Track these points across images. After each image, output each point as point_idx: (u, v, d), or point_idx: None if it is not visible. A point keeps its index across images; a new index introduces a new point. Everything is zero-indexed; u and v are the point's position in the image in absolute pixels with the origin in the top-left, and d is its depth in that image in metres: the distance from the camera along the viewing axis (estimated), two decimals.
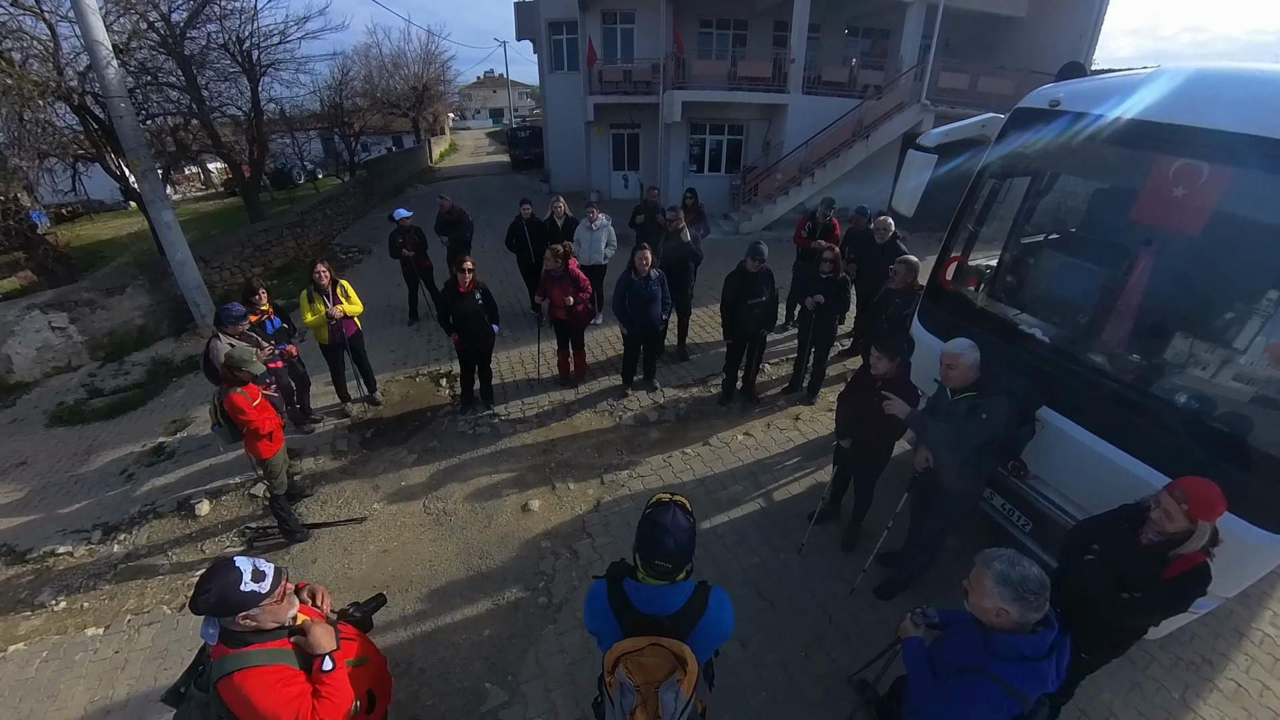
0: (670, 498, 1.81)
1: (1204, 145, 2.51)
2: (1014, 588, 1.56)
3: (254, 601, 1.63)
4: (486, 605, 3.55)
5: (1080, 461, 2.84)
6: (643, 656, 1.59)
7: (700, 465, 4.61)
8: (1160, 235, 2.95)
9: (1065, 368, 2.96)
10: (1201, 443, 2.44)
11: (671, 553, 1.66)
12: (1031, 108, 3.35)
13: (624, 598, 1.73)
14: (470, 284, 4.89)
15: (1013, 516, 3.29)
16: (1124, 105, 2.85)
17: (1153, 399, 2.65)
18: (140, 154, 6.64)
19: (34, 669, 3.44)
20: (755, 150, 13.69)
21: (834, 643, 3.16)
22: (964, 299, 3.77)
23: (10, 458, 5.51)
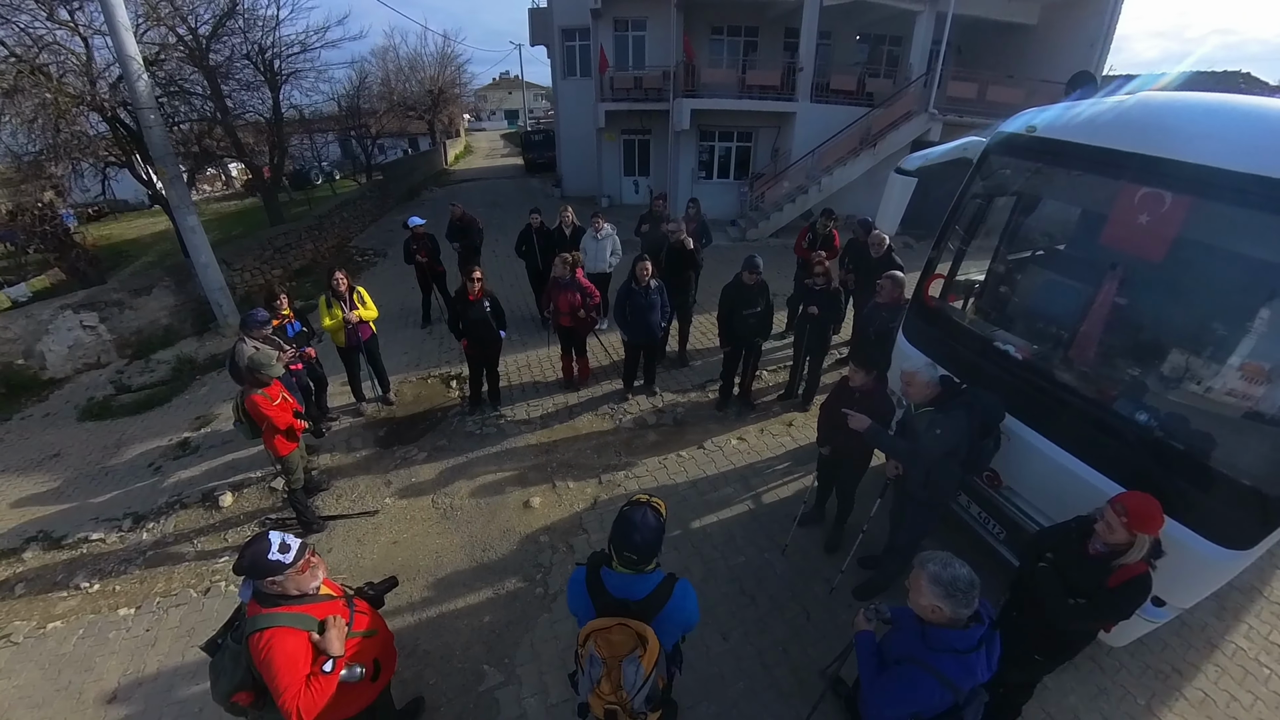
0: (646, 499, 2.02)
1: (1166, 175, 2.62)
2: (945, 586, 1.74)
3: (279, 569, 1.94)
4: (488, 594, 3.79)
5: (1047, 473, 2.97)
6: (610, 634, 1.82)
7: (694, 467, 4.82)
8: (1126, 260, 3.09)
9: (1033, 383, 3.09)
10: (1158, 458, 2.55)
11: (638, 546, 1.88)
12: (1010, 133, 3.46)
13: (599, 583, 1.95)
14: (479, 293, 5.14)
15: (988, 525, 3.43)
16: (1095, 134, 2.94)
17: (1114, 415, 2.78)
18: (167, 161, 6.99)
19: (71, 644, 3.73)
20: (764, 157, 13.86)
21: (811, 639, 3.35)
22: (945, 314, 3.91)
23: (45, 449, 5.86)
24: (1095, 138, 2.92)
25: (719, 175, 14.35)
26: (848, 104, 12.50)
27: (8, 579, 4.32)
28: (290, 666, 1.91)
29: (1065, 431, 2.90)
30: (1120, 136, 2.81)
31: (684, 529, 4.15)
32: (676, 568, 3.82)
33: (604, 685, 1.79)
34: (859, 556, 3.68)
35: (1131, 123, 2.84)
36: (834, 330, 5.52)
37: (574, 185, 17.87)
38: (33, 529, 4.79)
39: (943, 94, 11.41)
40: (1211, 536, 2.39)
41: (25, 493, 5.26)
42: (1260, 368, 2.53)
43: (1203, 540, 2.40)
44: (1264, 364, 2.52)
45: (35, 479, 5.44)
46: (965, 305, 4.37)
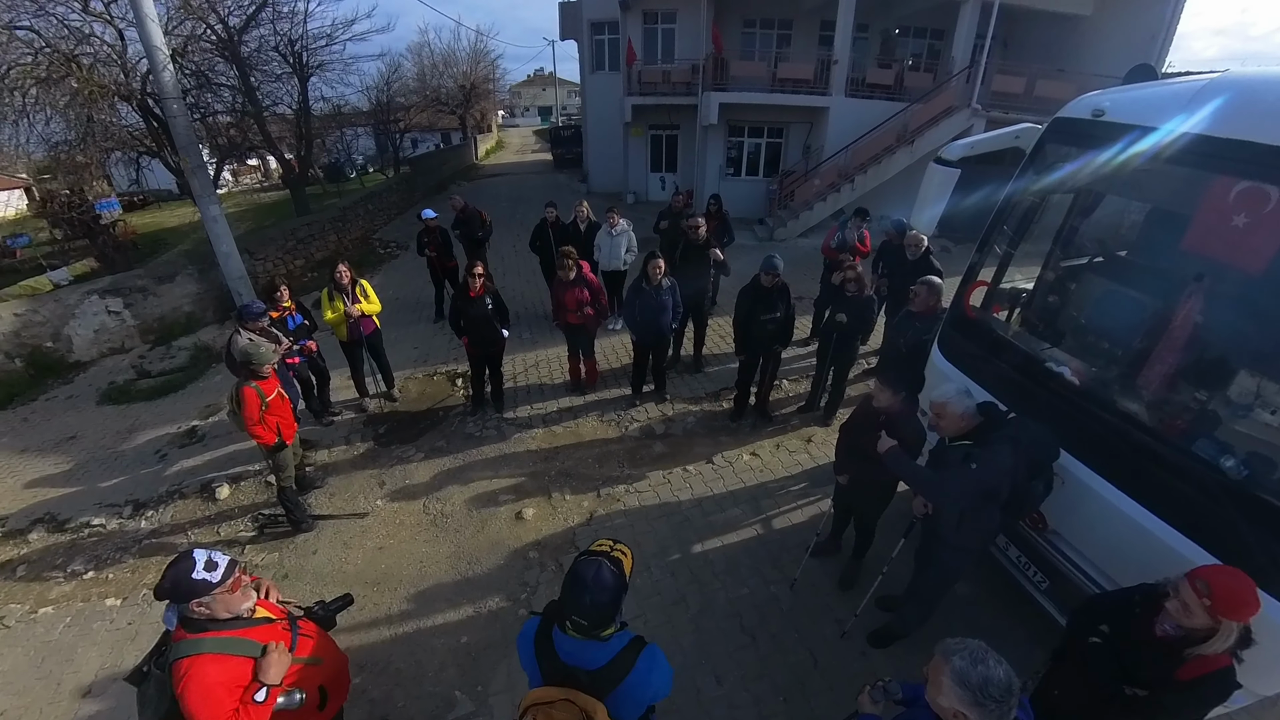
0: (609, 546, 1.72)
1: (1272, 166, 2.19)
2: (974, 692, 1.35)
3: (205, 590, 1.72)
4: (468, 611, 3.56)
5: (1105, 521, 2.54)
6: (553, 709, 1.52)
7: (700, 484, 4.49)
8: (1215, 269, 2.63)
9: (1094, 413, 2.65)
10: (1250, 517, 2.09)
11: (588, 612, 1.58)
12: (1072, 118, 3.03)
13: (549, 642, 1.66)
14: (480, 289, 4.93)
15: (1028, 571, 3.01)
16: (1178, 116, 2.51)
17: (1195, 459, 2.31)
18: (191, 151, 7.03)
19: (57, 632, 3.69)
20: (795, 154, 13.33)
21: (816, 689, 2.99)
22: (988, 328, 3.47)
23: (64, 431, 5.96)
24: (1181, 121, 2.49)
25: (748, 172, 13.88)
26: (884, 99, 11.86)
27: (11, 560, 4.35)
28: (207, 699, 1.70)
29: (1130, 474, 2.46)
30: (1214, 119, 2.38)
31: (684, 553, 3.83)
32: (674, 596, 3.54)
33: None
34: (877, 596, 3.27)
35: (1229, 102, 2.39)
36: (862, 340, 5.11)
37: (601, 181, 17.66)
38: (41, 511, 4.83)
39: (987, 89, 10.66)
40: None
41: (40, 473, 5.33)
42: None
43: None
44: None
45: (51, 460, 5.52)
46: (1011, 317, 3.92)
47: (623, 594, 1.65)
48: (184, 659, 1.71)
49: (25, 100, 6.47)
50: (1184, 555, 2.21)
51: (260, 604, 1.98)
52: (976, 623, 3.29)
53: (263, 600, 2.01)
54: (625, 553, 1.74)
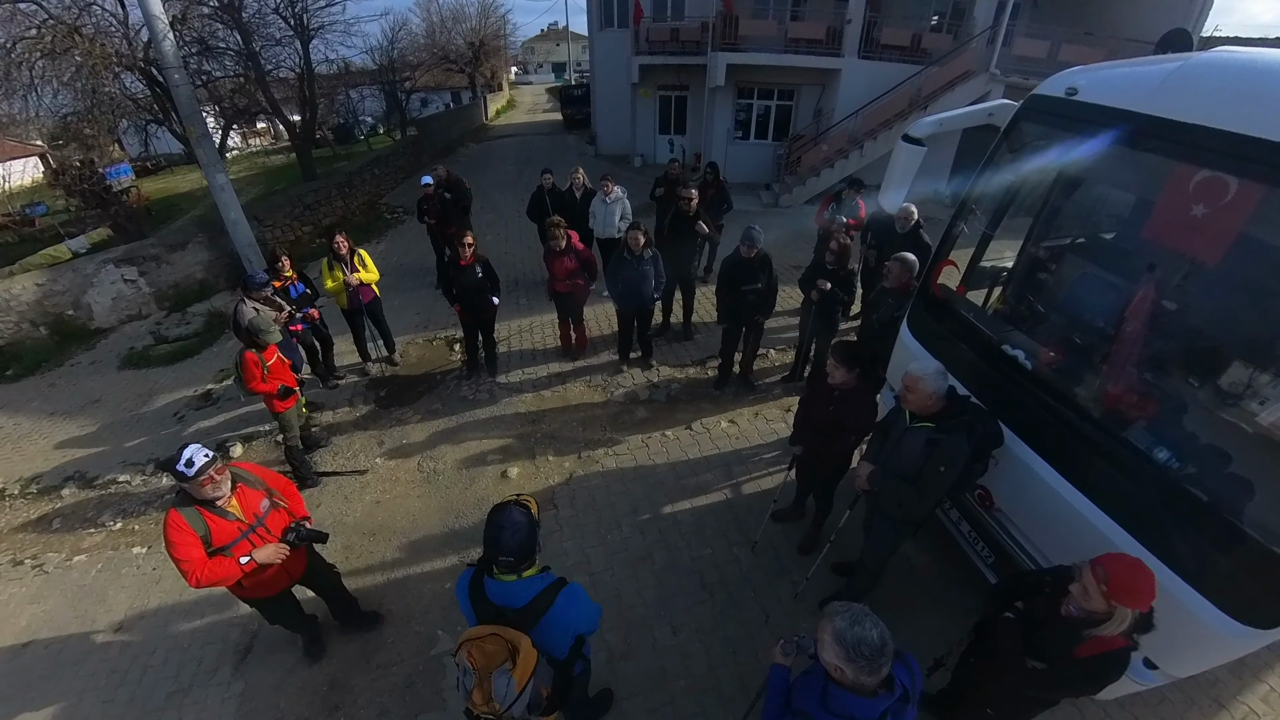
0: (514, 498, 1.93)
1: (1230, 154, 2.12)
2: (848, 648, 1.50)
3: (182, 478, 2.38)
4: (453, 561, 3.87)
5: (1045, 503, 2.62)
6: (484, 643, 1.76)
7: (677, 449, 4.69)
8: (1170, 260, 2.62)
9: (1043, 399, 2.67)
10: (1174, 505, 2.16)
11: (509, 547, 1.80)
12: (1046, 95, 2.94)
13: (481, 588, 1.89)
14: (471, 258, 5.07)
15: (976, 545, 3.14)
16: (1148, 98, 2.44)
17: (1126, 446, 2.36)
18: (195, 120, 7.15)
19: (90, 577, 4.11)
20: (806, 117, 12.90)
21: (763, 643, 3.20)
22: (953, 308, 3.42)
23: (89, 395, 6.37)
24: (1148, 103, 2.43)
25: (757, 136, 13.50)
26: (900, 61, 11.33)
27: (48, 514, 4.78)
28: (181, 538, 2.43)
29: (1069, 458, 2.53)
30: (1180, 102, 2.31)
31: (654, 514, 4.07)
32: (640, 552, 3.80)
33: (476, 696, 1.75)
34: (833, 562, 3.47)
35: (1194, 85, 2.32)
36: (843, 314, 5.15)
37: (609, 143, 17.34)
38: (71, 469, 5.25)
39: (1008, 52, 10.09)
40: (1226, 608, 2.02)
41: (69, 435, 5.76)
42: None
43: (1215, 610, 2.03)
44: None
45: (78, 422, 5.94)
46: (990, 297, 3.90)
47: (535, 529, 1.88)
48: (170, 509, 2.46)
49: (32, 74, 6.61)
50: (1115, 542, 2.27)
51: (239, 500, 2.62)
52: (928, 590, 3.47)
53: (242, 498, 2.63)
54: (530, 500, 1.95)
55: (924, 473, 2.49)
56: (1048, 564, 2.67)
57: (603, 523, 4.02)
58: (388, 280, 8.78)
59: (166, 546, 2.44)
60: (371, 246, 10.44)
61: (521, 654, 1.77)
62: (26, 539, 4.55)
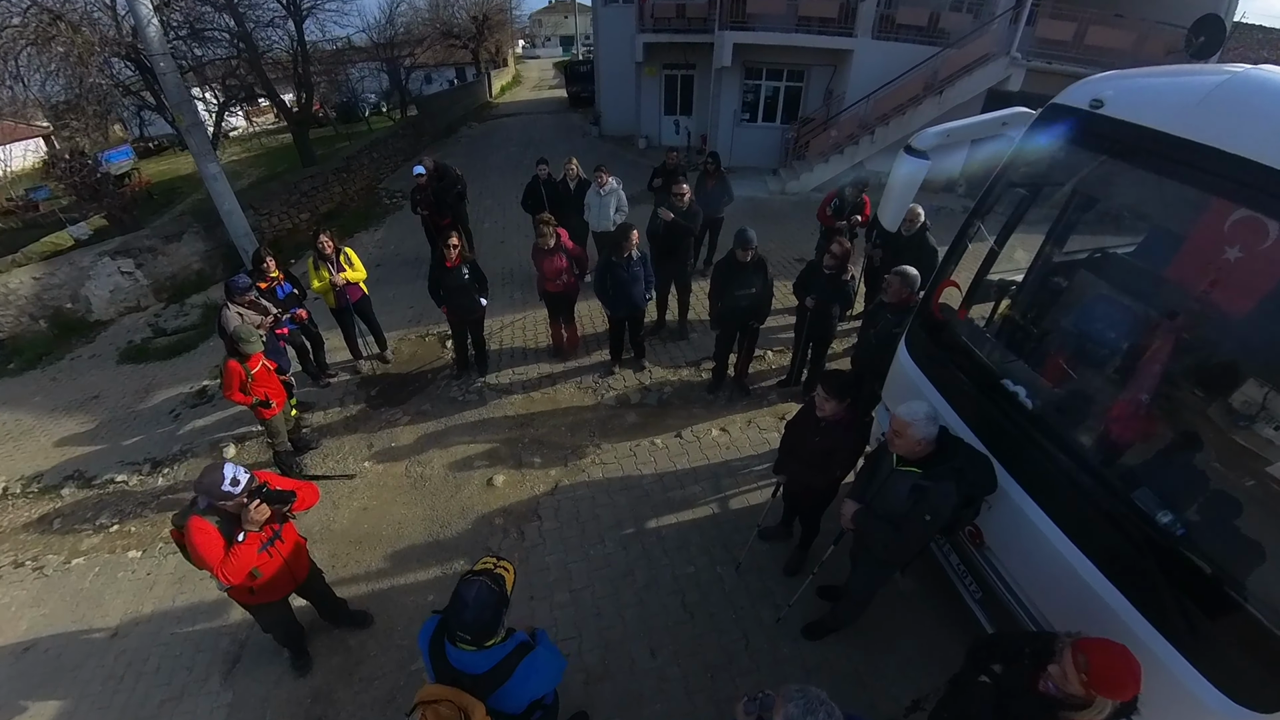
0: (493, 565, 1.88)
1: (1274, 194, 1.87)
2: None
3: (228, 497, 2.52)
4: (435, 573, 3.88)
5: (1037, 551, 2.46)
6: (439, 707, 1.73)
7: (665, 459, 4.62)
8: (1195, 307, 2.38)
9: (1043, 442, 2.48)
10: (1176, 574, 1.99)
11: (470, 627, 1.76)
12: (1068, 106, 2.66)
13: (441, 648, 1.85)
14: (457, 259, 4.97)
15: (964, 579, 3.02)
16: (1184, 117, 2.13)
17: (1129, 505, 2.16)
18: (185, 109, 7.03)
19: (88, 581, 4.18)
20: (816, 100, 12.43)
21: (742, 669, 3.16)
22: (954, 332, 3.18)
23: (88, 390, 6.43)
24: (1184, 124, 2.12)
25: (765, 118, 13.06)
26: (917, 42, 10.80)
27: (48, 514, 4.86)
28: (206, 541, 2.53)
29: (1065, 507, 2.35)
30: (1220, 126, 2.02)
31: (638, 528, 4.03)
32: (622, 569, 3.76)
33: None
34: (819, 586, 3.37)
35: (1243, 108, 2.02)
36: (840, 318, 4.99)
37: (613, 123, 16.95)
38: (71, 468, 5.32)
39: (1031, 33, 9.52)
40: (1224, 687, 1.86)
41: (69, 432, 5.82)
42: None
43: (1211, 688, 1.88)
44: None
45: (78, 419, 6.01)
46: (995, 314, 3.61)
47: (503, 608, 1.82)
48: (192, 516, 2.54)
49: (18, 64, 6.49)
50: (1107, 602, 2.15)
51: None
52: (915, 619, 3.36)
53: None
54: (508, 569, 1.89)
55: (908, 520, 2.38)
56: (1036, 611, 2.57)
57: (586, 536, 3.99)
58: (383, 270, 8.76)
59: (193, 553, 2.55)
60: (369, 234, 10.37)
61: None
62: (28, 539, 4.63)
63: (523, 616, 3.51)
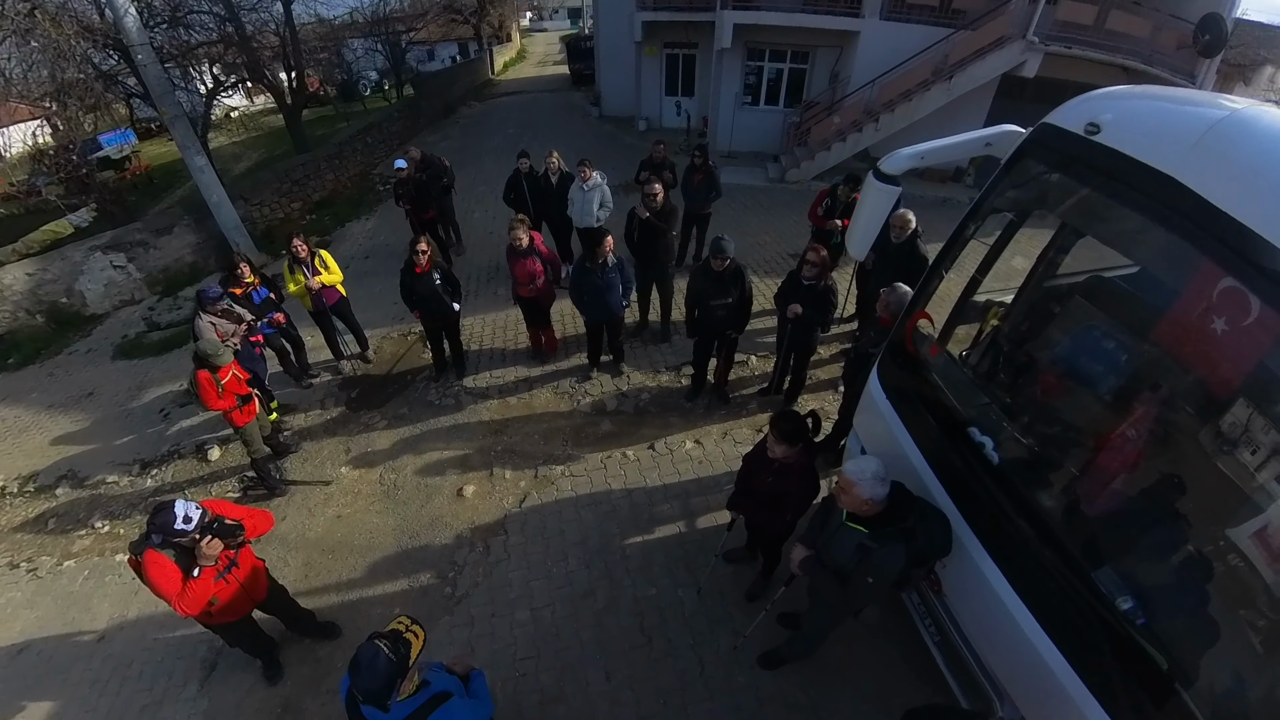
0: (404, 628, 1.92)
1: (1261, 266, 1.66)
2: None
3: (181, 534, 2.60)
4: (403, 584, 3.95)
5: (991, 610, 2.35)
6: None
7: (635, 473, 4.60)
8: (1177, 376, 2.18)
9: (1001, 497, 2.34)
10: (1127, 661, 1.91)
11: (365, 691, 1.78)
12: (1061, 128, 2.37)
13: (355, 701, 1.88)
14: (427, 265, 4.92)
15: (924, 618, 2.95)
16: (1183, 157, 1.88)
17: (1089, 584, 2.03)
18: (167, 101, 6.97)
19: (78, 584, 4.33)
20: (821, 82, 11.97)
21: (695, 697, 3.17)
22: (924, 369, 2.99)
23: (83, 387, 6.56)
24: (1182, 166, 1.87)
25: (767, 101, 12.63)
26: (928, 23, 10.27)
27: (43, 513, 5.02)
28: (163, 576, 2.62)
29: (1024, 576, 2.24)
30: (1213, 175, 1.80)
31: (603, 545, 4.04)
32: (584, 588, 3.79)
33: None
34: (779, 613, 3.36)
35: (1236, 154, 1.79)
36: (823, 329, 4.87)
37: (613, 104, 16.51)
38: (65, 467, 5.46)
39: (1051, 14, 8.98)
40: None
41: (63, 430, 5.97)
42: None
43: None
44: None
45: (72, 417, 6.14)
46: (977, 341, 3.38)
47: (398, 678, 1.83)
48: (147, 550, 2.62)
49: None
50: (1050, 667, 2.09)
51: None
52: (875, 654, 3.33)
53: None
54: (417, 634, 1.91)
55: (851, 578, 2.33)
56: (988, 666, 2.51)
57: (550, 553, 4.02)
58: (372, 262, 8.73)
59: (149, 585, 2.63)
60: (360, 224, 10.32)
61: None
62: (24, 539, 4.79)
63: (484, 634, 3.59)
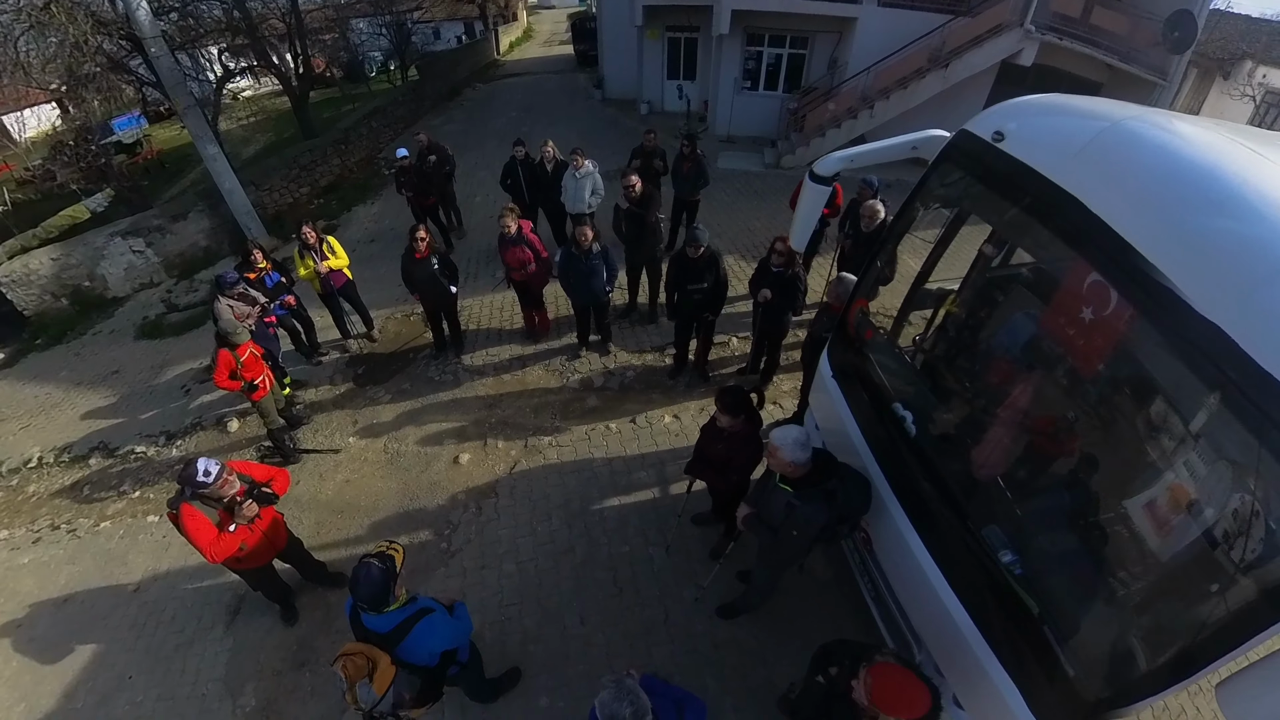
0: (384, 546, 2.34)
1: (1111, 258, 1.92)
2: (605, 718, 1.79)
3: (203, 486, 2.97)
4: (404, 540, 4.25)
5: (908, 567, 2.67)
6: (354, 658, 2.20)
7: (616, 444, 4.99)
8: (1057, 361, 2.44)
9: (916, 464, 2.67)
10: (1008, 605, 2.20)
11: (364, 597, 2.22)
12: (973, 134, 2.61)
13: (358, 614, 2.31)
14: (426, 251, 5.26)
15: (861, 573, 3.29)
16: (1066, 164, 2.14)
17: (979, 540, 2.33)
18: (179, 92, 7.27)
19: (114, 542, 4.80)
20: (820, 68, 12.00)
21: (659, 640, 3.58)
22: (864, 350, 3.29)
23: (110, 365, 7.03)
24: (1065, 173, 2.13)
25: (766, 86, 12.69)
26: (928, 9, 10.27)
27: (79, 481, 5.50)
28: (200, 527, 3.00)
29: (932, 534, 2.56)
30: (1091, 180, 2.05)
31: (584, 508, 4.44)
32: (565, 545, 4.20)
33: (348, 698, 2.20)
34: (738, 570, 3.72)
35: (1110, 163, 2.04)
36: (795, 312, 5.17)
37: (616, 87, 16.56)
38: (96, 440, 5.93)
39: (1046, 4, 8.99)
40: (1035, 710, 2.13)
41: (93, 405, 6.44)
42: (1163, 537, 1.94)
43: (1025, 709, 2.14)
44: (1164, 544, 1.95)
45: (101, 393, 6.61)
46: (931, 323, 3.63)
47: (392, 581, 2.26)
48: (182, 504, 2.99)
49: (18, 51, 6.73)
50: (952, 614, 2.40)
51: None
52: (826, 608, 3.69)
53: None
54: (397, 550, 2.36)
55: (780, 532, 2.70)
56: (907, 620, 2.85)
57: (536, 514, 4.43)
58: (378, 246, 9.09)
59: (185, 534, 2.99)
60: (366, 208, 10.63)
61: (379, 670, 2.21)
62: (62, 504, 5.28)
63: (474, 583, 4.02)
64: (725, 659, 3.50)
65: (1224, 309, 1.61)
